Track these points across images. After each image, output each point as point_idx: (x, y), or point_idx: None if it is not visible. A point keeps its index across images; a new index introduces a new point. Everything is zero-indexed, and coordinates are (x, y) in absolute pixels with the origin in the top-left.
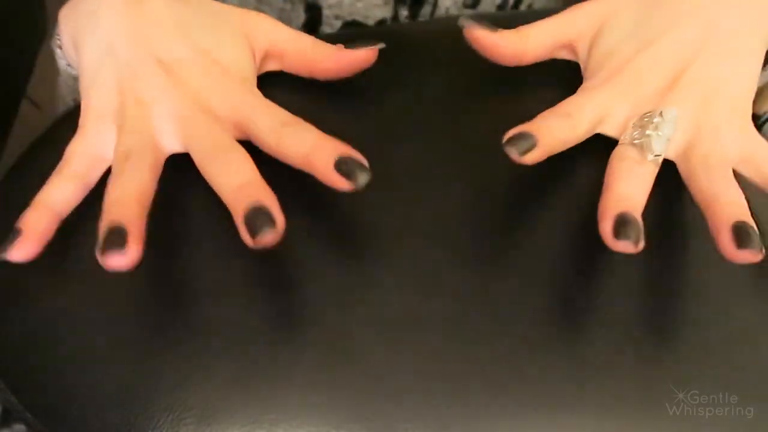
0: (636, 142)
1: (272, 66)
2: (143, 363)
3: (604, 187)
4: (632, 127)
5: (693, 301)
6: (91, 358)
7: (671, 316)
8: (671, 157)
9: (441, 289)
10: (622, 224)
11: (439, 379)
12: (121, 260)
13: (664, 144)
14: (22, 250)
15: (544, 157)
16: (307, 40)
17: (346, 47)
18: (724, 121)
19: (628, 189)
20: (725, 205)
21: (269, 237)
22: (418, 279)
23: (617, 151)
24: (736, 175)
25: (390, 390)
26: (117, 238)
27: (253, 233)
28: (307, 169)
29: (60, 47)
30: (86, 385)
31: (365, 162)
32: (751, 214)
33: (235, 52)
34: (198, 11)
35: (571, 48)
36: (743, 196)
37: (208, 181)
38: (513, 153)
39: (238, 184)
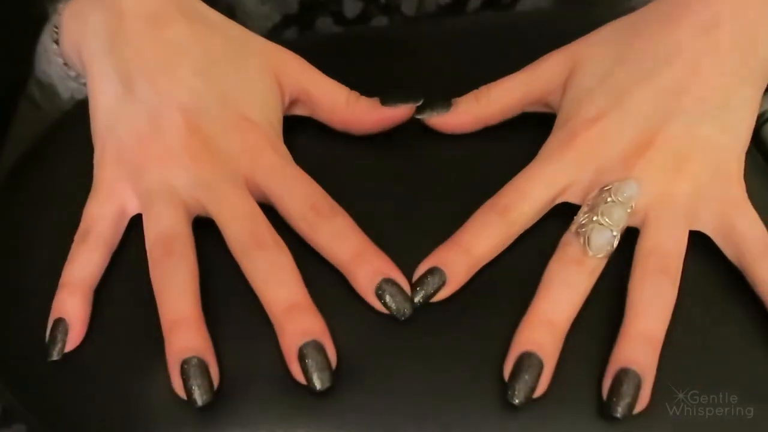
0: (581, 230)
1: (300, 111)
2: (143, 363)
3: (537, 290)
4: (585, 207)
5: (693, 302)
6: (91, 358)
7: (671, 316)
8: (632, 224)
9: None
10: (517, 367)
11: (441, 380)
12: (207, 396)
13: (609, 235)
14: (73, 341)
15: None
16: (341, 92)
17: (383, 103)
18: (698, 195)
19: (550, 310)
20: (639, 320)
21: (324, 382)
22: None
23: (561, 242)
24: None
25: (390, 390)
26: (198, 375)
27: (308, 377)
28: (343, 272)
29: (56, 42)
30: (86, 385)
31: (407, 287)
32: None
33: (263, 97)
34: (224, 41)
35: (544, 103)
36: (667, 310)
37: (243, 270)
38: (416, 297)
39: (287, 303)
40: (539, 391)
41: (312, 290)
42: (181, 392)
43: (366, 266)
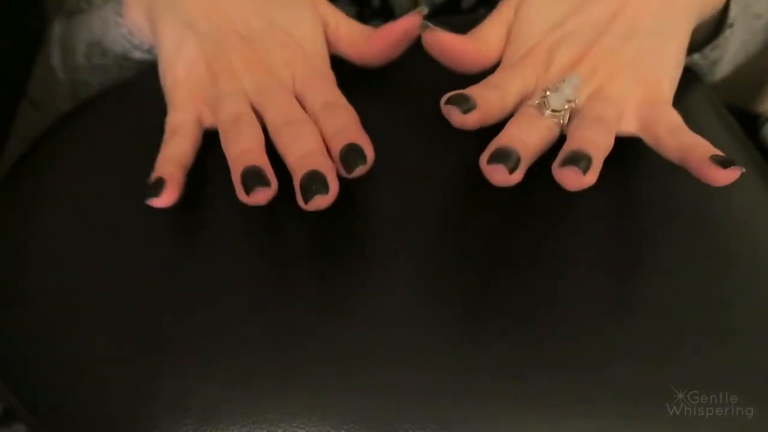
0: (537, 101)
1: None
2: (143, 363)
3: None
4: (537, 93)
5: (692, 301)
6: (91, 358)
7: (671, 316)
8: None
9: (442, 290)
10: (497, 153)
11: (440, 379)
12: (267, 193)
13: (563, 100)
14: (168, 195)
15: (482, 124)
16: (358, 26)
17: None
18: (624, 97)
19: (518, 132)
20: (579, 141)
21: (322, 201)
22: (418, 280)
23: (518, 110)
24: None
25: (390, 390)
26: (257, 177)
27: (307, 196)
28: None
29: (121, 16)
30: (86, 385)
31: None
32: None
33: (307, 27)
34: None
35: None
36: (607, 139)
37: (277, 147)
38: (454, 113)
39: (302, 153)
40: (515, 179)
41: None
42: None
43: (344, 132)
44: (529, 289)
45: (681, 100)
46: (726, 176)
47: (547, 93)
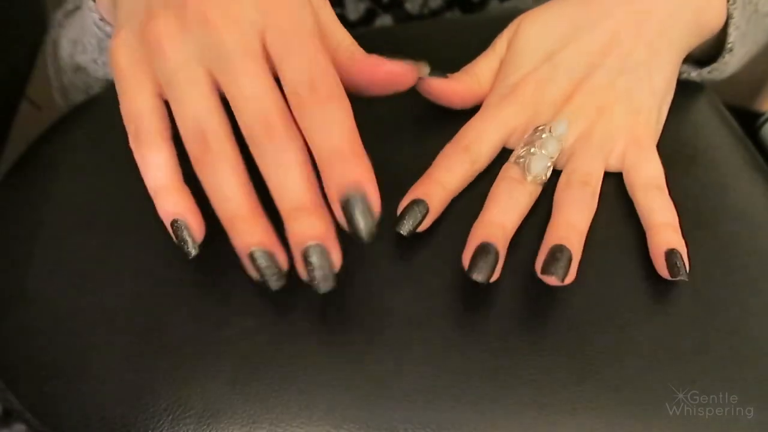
0: (520, 161)
1: None
2: (143, 363)
3: (486, 202)
4: (522, 143)
5: (692, 301)
6: (91, 358)
7: (671, 316)
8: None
9: (442, 290)
10: (478, 254)
11: (439, 380)
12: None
13: (545, 164)
14: (198, 232)
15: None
16: (347, 37)
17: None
18: (611, 135)
19: (500, 215)
20: (565, 213)
21: (328, 284)
22: (418, 279)
23: (503, 170)
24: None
25: (390, 390)
26: (266, 262)
27: (312, 277)
28: (318, 165)
29: (94, 1)
30: (86, 385)
31: (377, 204)
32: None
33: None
34: None
35: None
36: (588, 212)
37: (257, 162)
38: (405, 228)
39: (293, 203)
40: (494, 277)
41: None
42: (255, 275)
43: (342, 167)
44: (529, 290)
45: (681, 100)
46: (667, 274)
47: (531, 152)
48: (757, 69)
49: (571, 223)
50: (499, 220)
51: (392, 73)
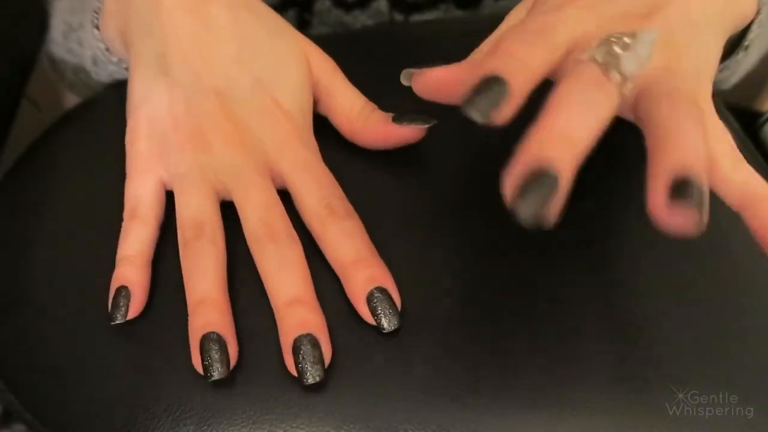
0: (600, 60)
1: (320, 110)
2: (144, 363)
3: (541, 112)
4: (596, 45)
5: (692, 301)
6: (92, 358)
7: (671, 316)
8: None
9: (441, 291)
10: (530, 177)
11: (440, 380)
12: (224, 372)
13: (639, 63)
14: (135, 308)
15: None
16: (358, 100)
17: (394, 120)
18: (684, 77)
19: (570, 122)
20: (680, 147)
21: (315, 376)
22: (418, 280)
23: (572, 70)
24: None
25: (390, 391)
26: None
27: (300, 370)
28: (340, 275)
29: (97, 27)
30: (87, 386)
31: (398, 301)
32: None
33: (296, 86)
34: (262, 28)
35: None
36: (704, 144)
37: (254, 258)
38: (476, 117)
39: (289, 297)
40: (551, 217)
41: (318, 285)
42: (198, 368)
43: (363, 271)
44: (531, 291)
45: None
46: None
47: (625, 40)
48: (758, 69)
49: (691, 147)
50: (567, 132)
51: (404, 137)
